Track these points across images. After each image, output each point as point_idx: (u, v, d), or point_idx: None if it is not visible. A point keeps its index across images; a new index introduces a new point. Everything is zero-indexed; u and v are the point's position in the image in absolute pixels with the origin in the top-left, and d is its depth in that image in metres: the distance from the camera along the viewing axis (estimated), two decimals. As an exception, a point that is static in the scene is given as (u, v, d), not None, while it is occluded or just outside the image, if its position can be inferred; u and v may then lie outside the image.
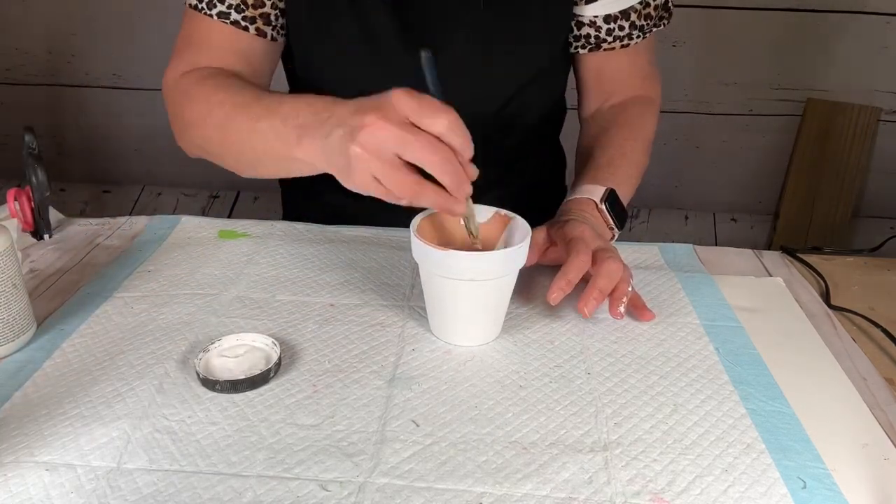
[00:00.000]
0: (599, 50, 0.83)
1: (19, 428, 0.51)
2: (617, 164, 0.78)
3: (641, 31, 0.82)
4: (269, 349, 0.58)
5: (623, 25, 0.81)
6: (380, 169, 0.54)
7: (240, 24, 0.76)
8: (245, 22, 0.76)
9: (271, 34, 0.78)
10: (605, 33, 0.81)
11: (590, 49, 0.83)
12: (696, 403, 0.56)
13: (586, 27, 0.82)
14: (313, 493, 0.46)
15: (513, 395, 0.56)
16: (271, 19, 0.77)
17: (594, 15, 0.80)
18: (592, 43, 0.83)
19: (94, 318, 0.64)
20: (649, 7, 0.82)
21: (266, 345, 0.59)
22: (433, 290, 0.61)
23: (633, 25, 0.81)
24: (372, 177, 0.55)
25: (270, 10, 0.77)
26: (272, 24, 0.78)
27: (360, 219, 0.83)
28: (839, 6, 1.87)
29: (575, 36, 0.83)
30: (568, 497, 0.47)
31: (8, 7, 2.00)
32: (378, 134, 0.53)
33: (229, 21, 0.76)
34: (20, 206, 0.75)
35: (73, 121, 2.14)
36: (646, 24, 0.82)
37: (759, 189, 2.11)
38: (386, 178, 0.54)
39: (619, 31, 0.81)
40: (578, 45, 0.84)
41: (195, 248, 0.76)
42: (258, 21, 0.77)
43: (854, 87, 1.95)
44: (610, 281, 0.63)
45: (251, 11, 0.76)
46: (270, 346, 0.59)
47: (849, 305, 0.71)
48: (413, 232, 0.59)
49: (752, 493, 0.47)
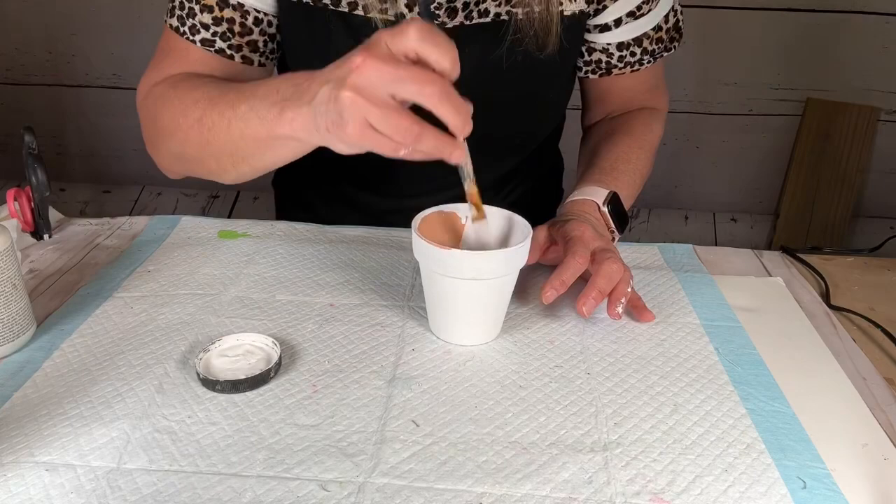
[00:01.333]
0: (610, 75, 0.83)
1: (19, 428, 0.51)
2: (621, 169, 0.78)
3: (652, 56, 0.82)
4: (270, 349, 0.58)
5: (635, 52, 0.81)
6: (375, 113, 0.49)
7: (225, 53, 0.72)
8: (231, 50, 0.72)
9: (259, 60, 0.75)
10: (616, 59, 0.81)
11: (600, 74, 0.83)
12: (696, 403, 0.56)
13: (598, 53, 0.81)
14: (313, 493, 0.46)
15: (513, 395, 0.56)
16: (259, 46, 0.74)
17: (607, 42, 0.80)
18: (603, 69, 0.82)
19: (94, 318, 0.64)
20: (661, 31, 0.81)
21: (266, 345, 0.59)
22: (434, 290, 0.61)
23: (645, 51, 0.81)
24: (367, 124, 0.50)
25: (259, 37, 0.73)
26: (260, 51, 0.74)
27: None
28: (839, 6, 1.87)
29: (585, 61, 0.83)
30: (568, 497, 0.47)
31: (8, 7, 2.01)
32: (369, 73, 0.49)
33: (213, 49, 0.72)
34: (20, 206, 0.75)
35: (73, 121, 2.14)
36: (657, 48, 0.82)
37: (759, 189, 2.11)
38: (382, 123, 0.49)
39: (631, 56, 0.81)
40: (588, 70, 0.83)
41: (195, 248, 0.76)
42: (244, 49, 0.73)
43: (854, 87, 1.95)
44: (609, 281, 0.63)
45: (237, 39, 0.72)
46: (270, 346, 0.59)
47: (849, 305, 0.71)
48: (414, 230, 0.59)
49: (752, 493, 0.47)
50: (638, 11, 0.77)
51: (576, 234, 0.66)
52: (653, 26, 0.79)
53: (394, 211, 0.84)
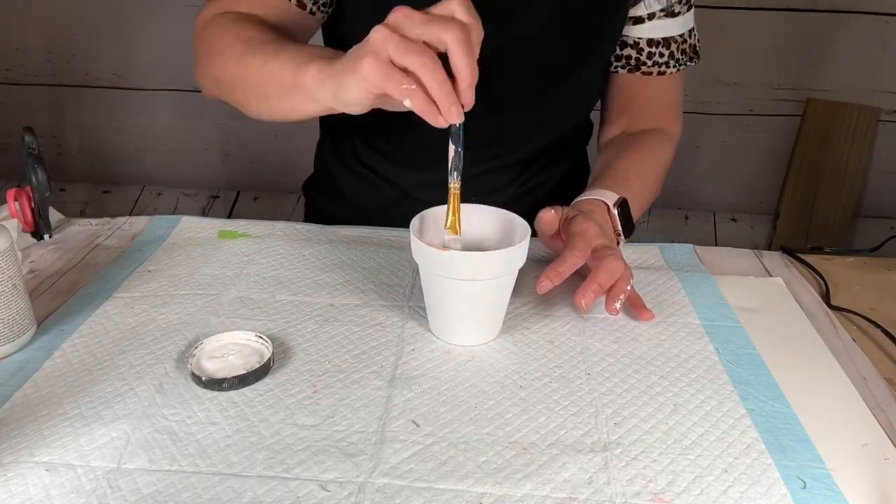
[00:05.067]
0: (638, 72, 0.85)
1: (19, 428, 0.51)
2: (632, 181, 0.80)
3: (677, 63, 0.86)
4: (255, 343, 0.59)
5: (663, 53, 0.84)
6: (396, 41, 0.52)
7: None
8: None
9: (311, 7, 0.78)
10: (645, 56, 0.84)
11: (629, 70, 0.86)
12: (696, 403, 0.56)
13: (629, 48, 0.85)
14: (313, 493, 0.46)
15: (513, 396, 0.56)
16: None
17: (638, 36, 0.83)
18: (632, 64, 0.85)
19: (94, 318, 0.64)
20: (685, 43, 0.85)
21: (250, 339, 0.60)
22: (433, 290, 0.61)
23: (672, 55, 0.85)
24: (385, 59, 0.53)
25: None
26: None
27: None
28: (839, 6, 1.87)
29: (616, 56, 0.86)
30: (568, 497, 0.47)
31: (8, 7, 2.00)
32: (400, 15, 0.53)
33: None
34: (20, 206, 0.75)
35: (73, 121, 2.14)
36: (681, 57, 0.85)
37: (759, 189, 2.11)
38: (400, 51, 0.52)
39: (660, 57, 0.84)
40: (619, 65, 0.86)
41: (195, 248, 0.76)
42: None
43: (854, 87, 1.95)
44: (610, 277, 0.63)
45: None
46: (255, 339, 0.59)
47: (849, 305, 0.71)
48: (412, 232, 0.59)
49: (752, 493, 0.47)
50: (671, 10, 0.82)
51: (579, 229, 0.66)
52: (681, 32, 0.84)
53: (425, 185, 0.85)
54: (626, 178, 0.79)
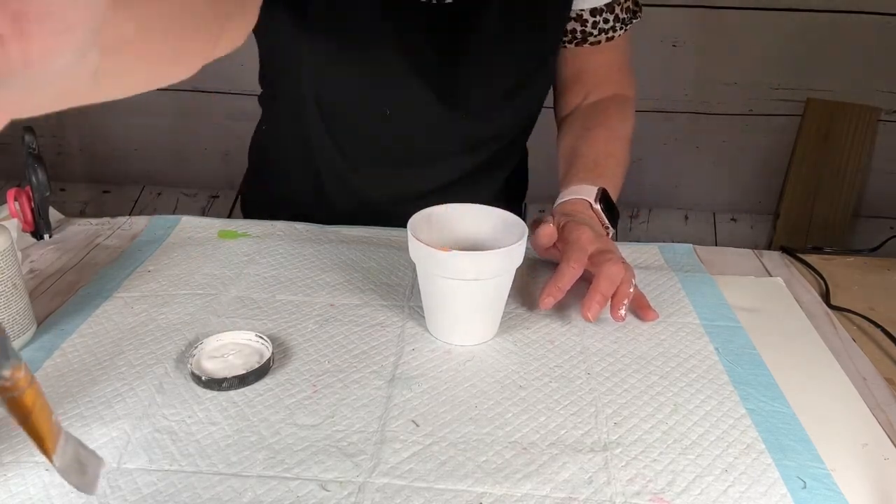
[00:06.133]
0: (585, 44, 0.84)
1: (19, 427, 0.51)
2: (604, 164, 0.79)
3: (623, 24, 0.84)
4: (255, 343, 0.59)
5: (608, 18, 0.83)
6: None
7: None
8: None
9: None
10: (590, 26, 0.83)
11: (576, 43, 0.85)
12: (696, 403, 0.56)
13: (573, 22, 0.83)
14: (313, 493, 0.46)
15: (513, 395, 0.56)
16: None
17: (580, 9, 0.82)
18: (579, 37, 0.84)
19: (94, 318, 0.64)
20: (628, 1, 0.84)
21: (250, 339, 0.60)
22: (431, 290, 0.61)
23: (617, 18, 0.83)
24: None
25: None
26: None
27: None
28: (839, 6, 1.87)
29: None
30: (568, 497, 0.47)
31: (8, 7, 2.00)
32: None
33: None
34: (20, 206, 0.76)
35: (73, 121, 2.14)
36: (626, 17, 0.84)
37: (759, 189, 2.11)
38: None
39: (605, 23, 0.83)
40: (565, 40, 0.85)
41: (195, 248, 0.76)
42: None
43: (854, 87, 1.95)
44: (611, 283, 0.63)
45: None
46: (254, 339, 0.60)
47: (849, 305, 0.71)
48: (410, 232, 0.59)
49: (752, 493, 0.47)
50: None
51: (573, 238, 0.66)
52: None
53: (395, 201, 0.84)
54: (597, 163, 0.78)
